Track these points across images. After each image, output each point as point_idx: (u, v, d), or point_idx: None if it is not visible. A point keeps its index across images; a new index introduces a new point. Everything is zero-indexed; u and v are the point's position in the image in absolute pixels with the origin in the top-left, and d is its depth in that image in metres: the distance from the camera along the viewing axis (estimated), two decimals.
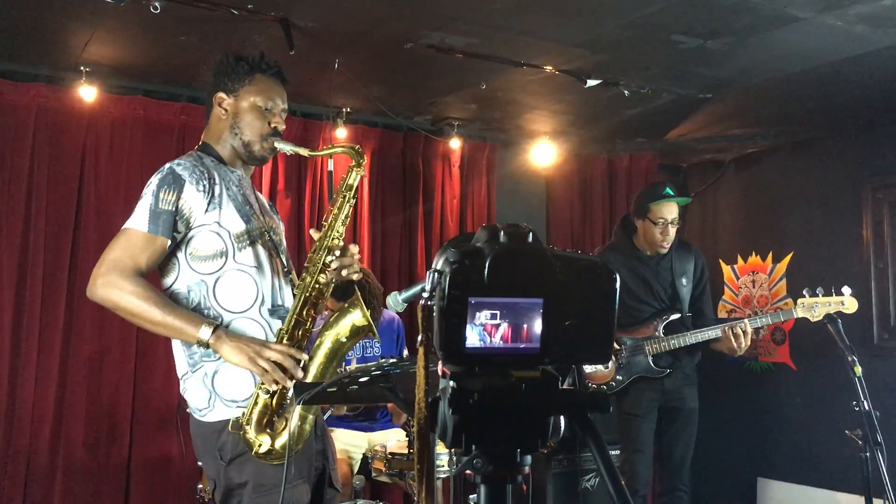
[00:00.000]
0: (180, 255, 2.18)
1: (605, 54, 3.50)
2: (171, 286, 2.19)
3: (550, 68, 3.69)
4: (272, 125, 2.30)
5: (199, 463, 2.26)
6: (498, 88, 4.05)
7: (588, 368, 3.76)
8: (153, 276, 2.17)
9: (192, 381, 2.18)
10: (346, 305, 2.26)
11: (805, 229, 4.88)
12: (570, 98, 4.18)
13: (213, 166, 2.25)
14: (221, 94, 2.31)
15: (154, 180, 2.16)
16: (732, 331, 3.52)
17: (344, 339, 2.24)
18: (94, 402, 3.86)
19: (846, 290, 3.50)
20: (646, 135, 5.08)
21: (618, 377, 3.72)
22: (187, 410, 2.24)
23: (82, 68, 3.69)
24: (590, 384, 3.79)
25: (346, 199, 2.29)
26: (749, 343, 3.55)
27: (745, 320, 3.56)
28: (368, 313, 2.24)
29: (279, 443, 2.10)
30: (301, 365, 2.12)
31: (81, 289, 3.82)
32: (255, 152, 2.31)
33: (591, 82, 3.81)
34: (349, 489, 3.55)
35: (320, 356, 2.20)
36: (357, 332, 2.25)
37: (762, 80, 3.83)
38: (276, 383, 2.08)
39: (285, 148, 2.31)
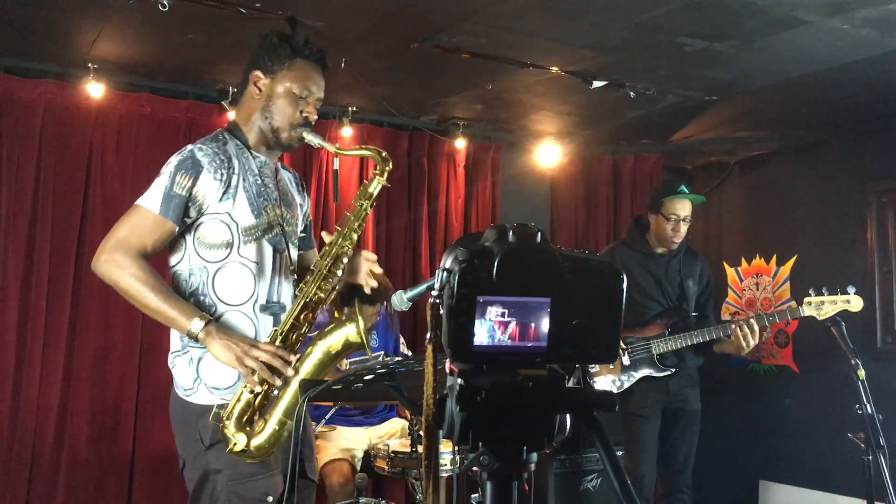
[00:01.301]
0: (188, 238, 2.18)
1: (611, 56, 3.51)
2: (175, 265, 2.22)
3: (556, 69, 3.69)
4: (304, 114, 2.26)
5: (175, 437, 2.25)
6: (504, 89, 4.05)
7: (593, 368, 3.76)
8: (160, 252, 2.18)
9: (180, 360, 2.20)
10: (343, 318, 2.24)
11: (809, 232, 4.88)
12: (576, 99, 4.18)
13: (236, 153, 2.22)
14: (258, 73, 2.26)
15: (173, 160, 2.14)
16: (740, 329, 3.53)
17: (334, 353, 2.21)
18: (99, 398, 3.87)
19: (851, 289, 3.52)
20: (651, 136, 5.08)
21: (623, 377, 3.73)
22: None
23: (90, 65, 3.70)
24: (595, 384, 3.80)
25: (364, 207, 2.25)
26: (756, 341, 3.55)
27: (752, 318, 3.57)
28: (367, 326, 2.23)
29: (255, 443, 2.09)
30: (292, 365, 2.10)
31: (87, 284, 3.85)
32: (283, 139, 2.27)
33: (597, 84, 3.82)
34: (351, 486, 3.56)
35: (308, 366, 2.18)
36: (349, 347, 2.23)
37: (768, 82, 3.83)
38: (262, 384, 2.08)
39: (313, 140, 2.26)
